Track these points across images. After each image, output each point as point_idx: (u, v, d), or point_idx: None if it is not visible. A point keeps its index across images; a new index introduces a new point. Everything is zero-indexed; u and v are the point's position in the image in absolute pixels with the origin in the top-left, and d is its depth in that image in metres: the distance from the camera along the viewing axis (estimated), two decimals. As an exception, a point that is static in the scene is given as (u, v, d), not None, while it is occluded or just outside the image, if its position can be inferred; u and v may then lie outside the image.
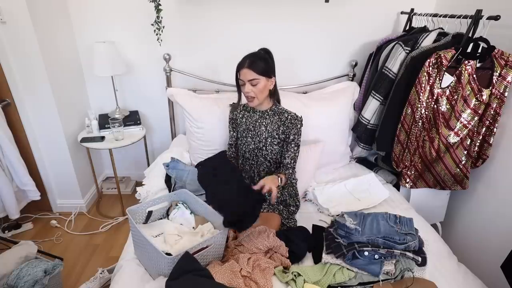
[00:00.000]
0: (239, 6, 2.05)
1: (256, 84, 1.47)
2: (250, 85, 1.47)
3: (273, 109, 1.60)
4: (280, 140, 1.60)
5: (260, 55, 1.50)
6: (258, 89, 1.48)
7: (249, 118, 1.64)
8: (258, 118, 1.62)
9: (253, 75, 1.45)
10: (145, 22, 1.99)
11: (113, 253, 2.02)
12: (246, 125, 1.64)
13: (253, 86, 1.47)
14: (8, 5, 1.71)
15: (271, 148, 1.60)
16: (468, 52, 1.51)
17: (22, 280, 1.47)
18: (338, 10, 2.06)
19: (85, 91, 2.34)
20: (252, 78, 1.45)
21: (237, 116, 1.69)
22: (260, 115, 1.62)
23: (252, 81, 1.46)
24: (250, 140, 1.64)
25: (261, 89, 1.49)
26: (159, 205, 1.41)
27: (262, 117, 1.61)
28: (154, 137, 2.56)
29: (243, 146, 1.67)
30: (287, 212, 1.60)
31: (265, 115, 1.61)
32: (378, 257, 1.21)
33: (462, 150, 1.63)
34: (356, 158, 2.19)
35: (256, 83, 1.47)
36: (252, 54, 1.50)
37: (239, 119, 1.68)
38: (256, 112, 1.63)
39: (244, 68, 1.46)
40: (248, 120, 1.64)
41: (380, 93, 1.81)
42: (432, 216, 1.84)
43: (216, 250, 1.24)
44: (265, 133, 1.59)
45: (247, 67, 1.45)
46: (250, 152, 1.66)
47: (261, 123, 1.61)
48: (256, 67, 1.45)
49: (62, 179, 2.25)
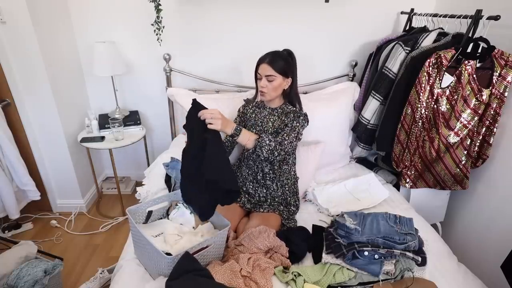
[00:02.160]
0: (239, 6, 2.05)
1: (272, 80, 1.49)
2: (266, 80, 1.50)
3: (282, 108, 1.62)
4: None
5: (282, 54, 1.53)
6: (273, 86, 1.51)
7: (259, 114, 1.66)
8: (267, 114, 1.63)
9: (271, 71, 1.48)
10: (145, 22, 1.99)
11: (113, 253, 2.02)
12: (254, 120, 1.65)
13: (269, 82, 1.50)
14: (8, 5, 1.71)
15: None
16: (468, 52, 1.51)
17: (22, 280, 1.47)
18: (338, 10, 2.06)
19: (85, 91, 2.34)
20: (269, 74, 1.48)
21: (247, 111, 1.70)
22: (270, 111, 1.63)
23: (269, 77, 1.49)
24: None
25: (276, 86, 1.51)
26: (159, 205, 1.41)
27: (271, 114, 1.62)
28: (154, 137, 2.56)
29: None
30: (287, 213, 1.60)
31: (274, 112, 1.62)
32: (378, 257, 1.21)
33: (462, 150, 1.63)
34: (356, 158, 2.19)
35: (272, 80, 1.49)
36: (275, 52, 1.53)
37: (248, 114, 1.69)
38: (266, 108, 1.65)
39: (264, 63, 1.49)
40: (258, 115, 1.65)
41: (380, 93, 1.81)
42: (432, 216, 1.84)
43: (216, 250, 1.24)
44: (271, 129, 1.60)
45: (267, 63, 1.48)
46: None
47: (269, 119, 1.62)
48: (275, 64, 1.48)
49: (62, 179, 2.26)
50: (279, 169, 1.63)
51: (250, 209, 1.60)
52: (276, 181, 1.63)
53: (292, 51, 1.57)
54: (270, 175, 1.62)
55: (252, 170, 1.66)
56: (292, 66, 1.55)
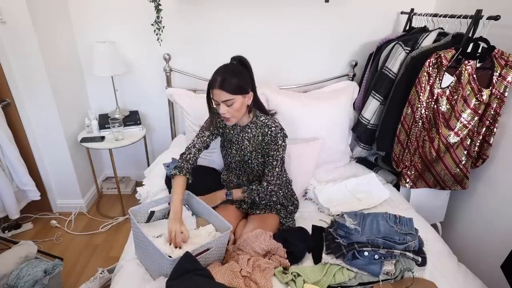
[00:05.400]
0: (239, 6, 2.05)
1: (232, 104, 1.31)
2: (225, 106, 1.31)
3: (254, 122, 1.47)
4: (264, 153, 1.49)
5: (233, 69, 1.33)
6: (234, 109, 1.33)
7: (232, 130, 1.51)
8: (240, 132, 1.50)
9: (227, 95, 1.28)
10: (145, 22, 1.99)
11: (113, 253, 2.02)
12: (231, 135, 1.52)
13: (229, 107, 1.32)
14: (8, 5, 1.71)
15: (257, 161, 1.51)
16: (468, 52, 1.51)
17: (22, 280, 1.47)
18: (338, 10, 2.06)
19: (85, 91, 2.34)
20: (226, 99, 1.29)
21: (220, 124, 1.52)
22: (241, 129, 1.49)
23: (227, 102, 1.30)
24: (234, 152, 1.54)
25: (238, 108, 1.33)
26: (161, 205, 1.41)
27: (244, 131, 1.49)
28: (154, 137, 2.56)
29: (228, 157, 1.58)
30: (285, 212, 1.59)
31: (246, 129, 1.48)
32: (378, 257, 1.21)
33: (462, 150, 1.63)
34: (356, 158, 2.19)
35: (231, 103, 1.31)
36: (223, 70, 1.31)
37: (222, 127, 1.53)
38: (237, 126, 1.50)
39: (215, 89, 1.29)
40: (231, 132, 1.51)
41: (380, 93, 1.81)
42: (432, 216, 1.84)
43: (218, 252, 1.24)
44: (249, 147, 1.49)
45: (218, 88, 1.28)
46: (236, 163, 1.58)
47: (243, 137, 1.49)
48: (228, 87, 1.28)
49: (62, 179, 2.26)
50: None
51: (247, 210, 1.58)
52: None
53: (244, 57, 1.38)
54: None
55: (241, 180, 1.63)
56: (248, 78, 1.36)
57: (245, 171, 1.59)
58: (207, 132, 1.50)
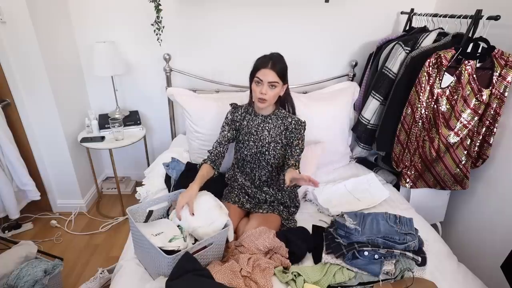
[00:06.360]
0: (239, 6, 2.05)
1: (275, 87, 1.40)
2: (268, 87, 1.39)
3: (276, 113, 1.54)
4: (283, 145, 1.55)
5: (281, 58, 1.43)
6: (274, 93, 1.41)
7: (251, 122, 1.56)
8: (261, 122, 1.54)
9: (275, 77, 1.38)
10: (145, 22, 1.99)
11: (113, 253, 2.02)
12: (248, 128, 1.56)
13: (271, 89, 1.40)
14: (8, 5, 1.71)
15: (274, 152, 1.54)
16: (468, 52, 1.51)
17: (22, 280, 1.47)
18: (338, 10, 2.06)
19: (85, 91, 2.34)
20: (273, 80, 1.38)
21: (238, 118, 1.58)
22: (263, 119, 1.54)
23: (272, 83, 1.39)
24: (252, 144, 1.56)
25: (276, 93, 1.43)
26: (159, 205, 1.41)
27: (265, 122, 1.54)
28: (154, 137, 2.56)
29: (244, 150, 1.59)
30: (287, 213, 1.60)
31: (267, 119, 1.54)
32: (378, 257, 1.21)
33: (462, 150, 1.63)
34: (356, 158, 2.19)
35: (275, 86, 1.40)
36: (274, 55, 1.42)
37: (239, 122, 1.58)
38: (258, 116, 1.55)
39: (266, 68, 1.37)
40: (250, 123, 1.56)
41: (380, 93, 1.81)
42: (432, 216, 1.84)
43: (216, 249, 1.24)
44: (268, 137, 1.53)
45: (270, 68, 1.37)
46: (252, 156, 1.58)
47: (264, 128, 1.54)
48: (279, 70, 1.38)
49: (62, 179, 2.25)
50: (277, 176, 1.61)
51: (249, 209, 1.59)
52: (273, 186, 1.63)
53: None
54: (268, 182, 1.62)
55: (249, 177, 1.64)
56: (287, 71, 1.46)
57: (259, 165, 1.59)
58: (226, 127, 1.59)
